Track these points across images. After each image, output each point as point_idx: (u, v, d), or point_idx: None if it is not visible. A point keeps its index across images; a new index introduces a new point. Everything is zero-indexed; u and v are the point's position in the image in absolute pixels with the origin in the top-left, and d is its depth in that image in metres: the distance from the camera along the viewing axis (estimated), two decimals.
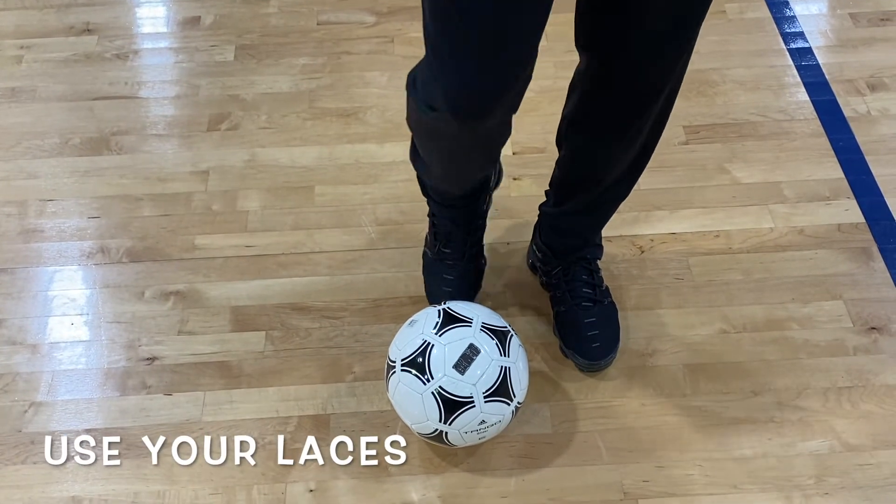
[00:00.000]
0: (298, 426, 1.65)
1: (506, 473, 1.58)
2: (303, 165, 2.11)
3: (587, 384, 1.70)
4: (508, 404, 1.48)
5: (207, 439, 1.63)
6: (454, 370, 1.45)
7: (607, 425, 1.64)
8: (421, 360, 1.46)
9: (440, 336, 1.48)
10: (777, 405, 1.66)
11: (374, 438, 1.62)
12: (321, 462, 1.60)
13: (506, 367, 1.47)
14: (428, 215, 1.80)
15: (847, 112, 2.19)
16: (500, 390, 1.46)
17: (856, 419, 1.63)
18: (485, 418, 1.46)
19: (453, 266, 1.78)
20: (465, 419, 1.46)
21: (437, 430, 1.48)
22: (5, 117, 2.26)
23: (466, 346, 1.47)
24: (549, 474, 1.58)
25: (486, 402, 1.45)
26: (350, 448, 1.61)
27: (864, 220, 1.95)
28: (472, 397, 1.45)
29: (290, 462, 1.60)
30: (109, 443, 1.63)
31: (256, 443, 1.63)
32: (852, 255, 1.89)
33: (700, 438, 1.62)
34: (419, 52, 2.55)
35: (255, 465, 1.60)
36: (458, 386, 1.45)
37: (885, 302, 1.80)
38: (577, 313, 1.71)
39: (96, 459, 1.62)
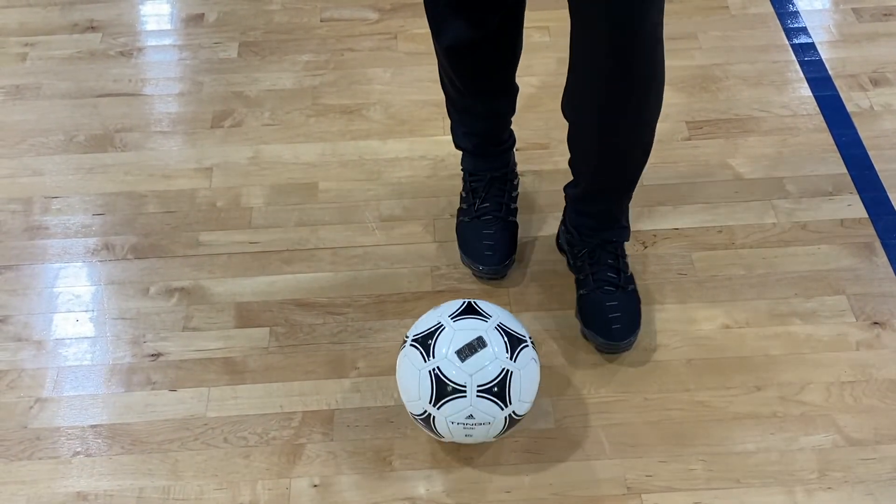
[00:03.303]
0: (303, 422, 1.65)
1: (509, 468, 1.58)
2: (306, 162, 2.12)
3: (590, 379, 1.70)
4: (501, 409, 1.47)
5: (212, 435, 1.64)
6: (456, 355, 1.46)
7: (610, 420, 1.64)
8: (429, 339, 1.49)
9: (455, 322, 1.50)
10: (780, 400, 1.66)
11: (379, 434, 1.63)
12: (325, 457, 1.61)
13: (508, 370, 1.46)
14: (463, 179, 1.89)
15: (850, 107, 2.19)
16: (496, 391, 1.45)
17: (858, 413, 1.64)
18: (473, 413, 1.46)
19: (493, 221, 1.83)
20: (453, 407, 1.45)
21: (425, 411, 1.48)
22: (10, 115, 2.26)
23: (475, 336, 1.47)
24: (552, 469, 1.58)
25: (478, 396, 1.45)
26: (353, 444, 1.62)
27: (866, 216, 1.95)
28: (465, 387, 1.45)
29: (294, 457, 1.61)
30: (114, 438, 1.64)
31: (260, 438, 1.63)
32: (855, 250, 1.89)
33: (703, 433, 1.62)
34: (422, 48, 2.56)
35: (259, 460, 1.61)
36: (455, 372, 1.45)
37: (888, 297, 1.81)
38: (600, 296, 1.72)
39: (101, 455, 1.62)
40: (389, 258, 1.91)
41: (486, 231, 1.83)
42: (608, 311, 1.71)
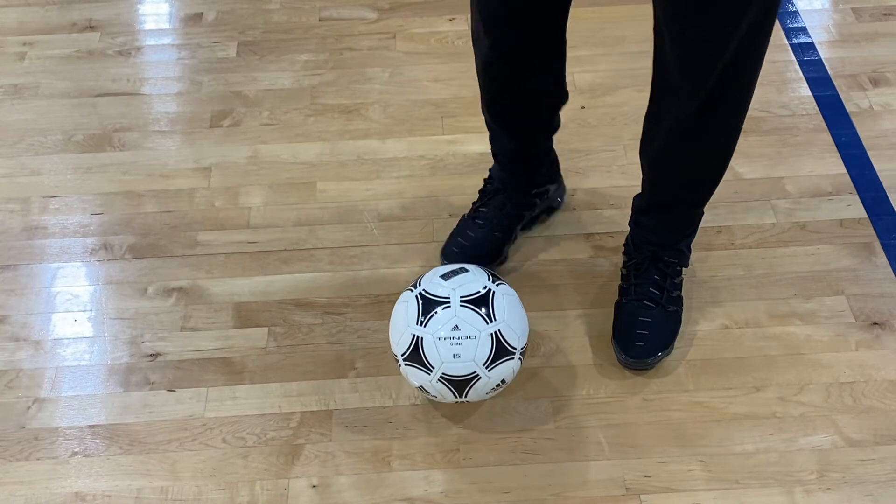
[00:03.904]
0: (301, 422, 1.65)
1: (508, 469, 1.58)
2: (305, 161, 2.11)
3: (589, 380, 1.70)
4: (486, 322, 1.51)
5: (210, 435, 1.64)
6: (440, 278, 1.57)
7: (609, 420, 1.64)
8: (418, 280, 1.60)
9: (442, 265, 1.65)
10: (779, 400, 1.66)
11: (377, 435, 1.63)
12: (323, 458, 1.60)
13: (490, 289, 1.55)
14: (485, 180, 1.87)
15: (849, 107, 2.18)
16: (479, 303, 1.52)
17: (857, 414, 1.63)
18: (458, 324, 1.50)
19: (482, 227, 1.83)
20: (439, 320, 1.51)
21: (413, 336, 1.51)
22: (8, 114, 2.26)
23: (458, 266, 1.60)
24: (550, 469, 1.58)
25: (461, 305, 1.52)
26: (352, 444, 1.62)
27: (866, 216, 1.95)
28: (448, 298, 1.53)
29: (293, 458, 1.61)
30: (112, 439, 1.64)
31: (259, 438, 1.63)
32: (854, 250, 1.89)
33: (702, 434, 1.62)
34: (421, 48, 2.56)
35: (257, 460, 1.60)
36: (439, 288, 1.55)
37: (887, 297, 1.80)
38: (635, 308, 1.70)
39: (99, 455, 1.62)
40: (388, 258, 1.91)
41: (469, 232, 1.83)
42: (637, 326, 1.68)
